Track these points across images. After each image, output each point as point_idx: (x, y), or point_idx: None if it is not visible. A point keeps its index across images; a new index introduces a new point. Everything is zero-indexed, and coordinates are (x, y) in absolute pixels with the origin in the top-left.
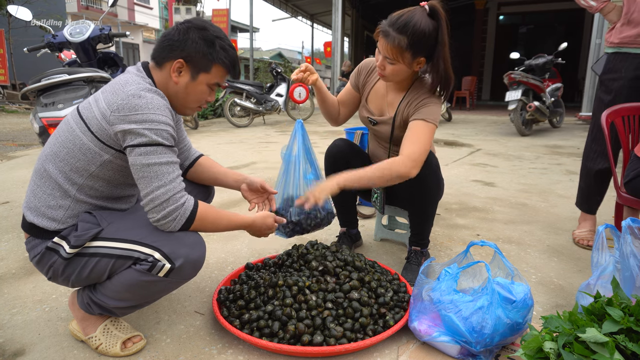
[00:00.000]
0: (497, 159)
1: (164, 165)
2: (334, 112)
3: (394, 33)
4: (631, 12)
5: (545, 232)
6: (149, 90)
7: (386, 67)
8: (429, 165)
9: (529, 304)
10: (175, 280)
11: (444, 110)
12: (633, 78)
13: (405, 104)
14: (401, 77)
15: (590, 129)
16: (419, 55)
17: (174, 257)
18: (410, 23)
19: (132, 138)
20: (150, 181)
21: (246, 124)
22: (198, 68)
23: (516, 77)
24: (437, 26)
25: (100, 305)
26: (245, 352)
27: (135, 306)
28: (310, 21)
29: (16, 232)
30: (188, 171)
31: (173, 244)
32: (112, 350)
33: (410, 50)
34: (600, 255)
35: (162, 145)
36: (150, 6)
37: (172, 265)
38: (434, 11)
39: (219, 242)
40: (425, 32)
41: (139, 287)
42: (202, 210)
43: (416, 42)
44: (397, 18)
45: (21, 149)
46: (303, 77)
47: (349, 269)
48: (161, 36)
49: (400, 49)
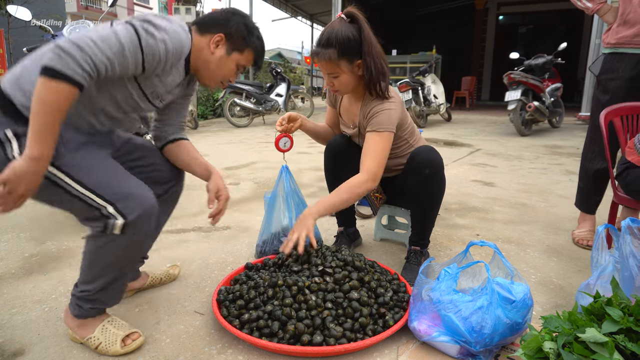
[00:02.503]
0: (496, 159)
1: (121, 40)
2: (329, 136)
3: (323, 50)
4: (627, 12)
5: (544, 232)
6: (181, 27)
7: (334, 82)
8: (435, 165)
9: (528, 304)
10: (131, 236)
11: (443, 110)
12: (630, 78)
13: (362, 116)
14: (350, 86)
15: (589, 129)
16: (354, 59)
17: (127, 211)
18: (332, 34)
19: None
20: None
21: (246, 124)
22: (234, 46)
23: (516, 77)
24: (359, 27)
25: (86, 298)
26: (245, 352)
27: (115, 281)
28: (310, 21)
29: (16, 232)
30: (167, 146)
31: (125, 200)
32: (113, 348)
33: (343, 57)
34: (600, 255)
35: (142, 36)
36: (150, 6)
37: (125, 219)
38: (352, 16)
39: (219, 242)
40: (349, 36)
41: (102, 255)
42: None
43: (345, 48)
44: (321, 37)
45: None
46: (287, 128)
47: (348, 269)
48: (206, 15)
49: (335, 61)
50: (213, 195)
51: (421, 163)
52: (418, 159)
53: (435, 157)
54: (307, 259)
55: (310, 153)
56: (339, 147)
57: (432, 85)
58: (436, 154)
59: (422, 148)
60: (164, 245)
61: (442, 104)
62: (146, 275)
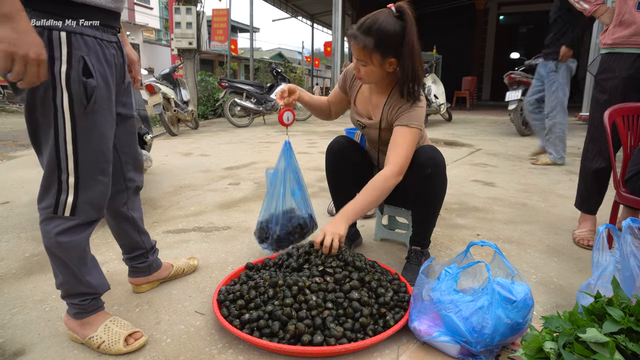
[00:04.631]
0: (497, 158)
1: None
2: (325, 112)
3: (361, 35)
4: (623, 13)
5: (545, 232)
6: None
7: (360, 69)
8: (438, 165)
9: (529, 304)
10: (79, 220)
11: (443, 110)
12: (627, 77)
13: (388, 107)
14: (375, 78)
15: (588, 129)
16: (388, 55)
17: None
18: (375, 24)
19: None
20: None
21: (246, 124)
22: None
23: (516, 77)
24: (404, 26)
25: (78, 293)
26: (245, 352)
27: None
28: (310, 21)
29: (16, 232)
30: None
31: (85, 190)
32: (115, 347)
33: (377, 50)
34: (601, 255)
35: None
36: (151, 6)
37: (75, 199)
38: (401, 12)
39: (219, 242)
40: (390, 32)
41: (59, 249)
42: None
43: (382, 42)
44: (364, 21)
45: (21, 149)
46: (289, 101)
47: (349, 269)
48: None
49: (369, 51)
50: (137, 66)
51: (424, 162)
52: (421, 158)
53: (438, 156)
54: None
55: (310, 153)
56: (340, 148)
57: (433, 85)
58: (438, 153)
59: (425, 147)
60: (164, 245)
61: (442, 104)
62: (170, 265)
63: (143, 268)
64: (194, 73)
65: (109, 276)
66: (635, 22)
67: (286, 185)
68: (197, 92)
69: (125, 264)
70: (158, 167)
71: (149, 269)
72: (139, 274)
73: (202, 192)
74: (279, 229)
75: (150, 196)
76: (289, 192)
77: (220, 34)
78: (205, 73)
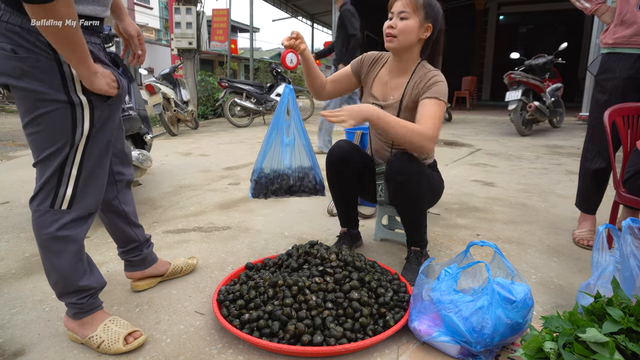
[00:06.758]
0: (497, 159)
1: None
2: (318, 85)
3: None
4: (624, 13)
5: (545, 232)
6: None
7: (398, 24)
8: (405, 172)
9: (529, 304)
10: (77, 214)
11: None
12: (627, 77)
13: (412, 85)
14: (408, 38)
15: (588, 129)
16: (428, 19)
17: (79, 194)
18: None
19: None
20: None
21: (246, 124)
22: None
23: (516, 77)
24: (442, 13)
25: (74, 290)
26: (245, 352)
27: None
28: (310, 21)
29: (16, 232)
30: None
31: (85, 192)
32: (115, 347)
33: (424, 9)
34: (601, 255)
35: None
36: (150, 6)
37: (74, 191)
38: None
39: (219, 242)
40: (436, 5)
41: (55, 244)
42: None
43: (429, 5)
44: None
45: (21, 149)
46: (294, 44)
47: (349, 269)
48: None
49: (415, 6)
50: (136, 41)
51: (392, 171)
52: (390, 166)
53: (406, 165)
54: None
55: None
56: (341, 152)
57: None
58: (408, 162)
59: (398, 156)
60: (164, 245)
61: None
62: (168, 263)
63: (138, 261)
64: (193, 73)
65: (108, 276)
66: (637, 22)
67: (283, 134)
68: (197, 92)
69: (121, 258)
70: (158, 167)
71: (143, 262)
72: (134, 268)
73: (202, 192)
74: (271, 175)
75: (150, 196)
76: (280, 142)
77: (220, 34)
78: (205, 73)
